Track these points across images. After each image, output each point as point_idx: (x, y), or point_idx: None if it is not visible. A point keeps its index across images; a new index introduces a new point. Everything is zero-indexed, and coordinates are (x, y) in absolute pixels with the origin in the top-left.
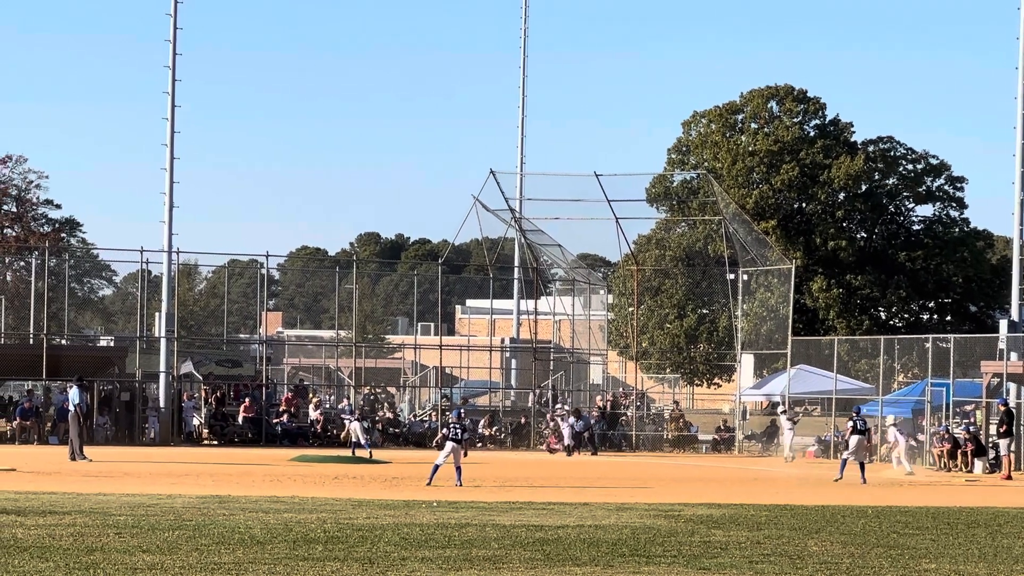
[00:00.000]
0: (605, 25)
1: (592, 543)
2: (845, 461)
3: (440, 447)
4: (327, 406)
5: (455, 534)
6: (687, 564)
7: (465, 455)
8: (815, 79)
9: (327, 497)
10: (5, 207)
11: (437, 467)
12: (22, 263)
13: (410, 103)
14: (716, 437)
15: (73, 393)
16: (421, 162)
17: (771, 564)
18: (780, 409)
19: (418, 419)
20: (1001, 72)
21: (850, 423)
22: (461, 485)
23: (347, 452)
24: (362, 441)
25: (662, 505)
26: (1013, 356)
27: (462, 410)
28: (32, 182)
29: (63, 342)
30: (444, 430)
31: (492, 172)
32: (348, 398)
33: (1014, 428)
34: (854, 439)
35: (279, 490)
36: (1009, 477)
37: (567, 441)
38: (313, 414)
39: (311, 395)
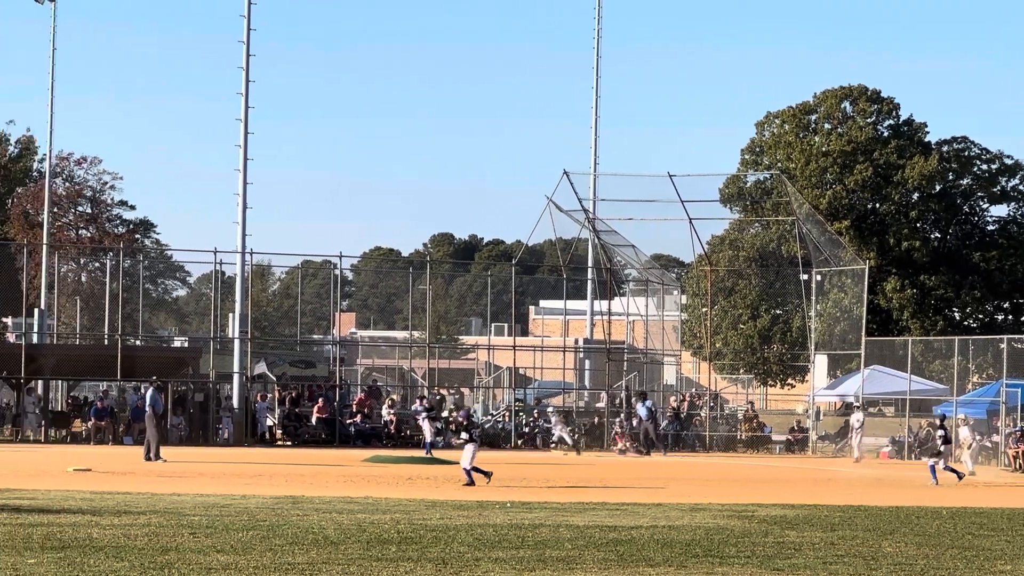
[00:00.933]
0: (678, 25)
1: (666, 544)
2: (933, 467)
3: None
4: (400, 407)
5: (529, 535)
6: (761, 565)
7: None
8: (889, 79)
9: (401, 498)
10: (80, 208)
11: (477, 470)
12: (97, 264)
13: (483, 103)
14: (790, 438)
15: (150, 394)
16: (495, 163)
17: (845, 565)
18: (856, 405)
19: (492, 420)
20: None
21: (940, 432)
22: (473, 484)
23: (420, 452)
24: (430, 439)
25: (736, 506)
26: None
27: (470, 410)
28: (107, 183)
29: (137, 343)
30: (464, 433)
31: (566, 173)
32: (421, 397)
33: None
34: (945, 448)
35: (353, 491)
36: None
37: (624, 444)
38: (386, 415)
39: (384, 396)
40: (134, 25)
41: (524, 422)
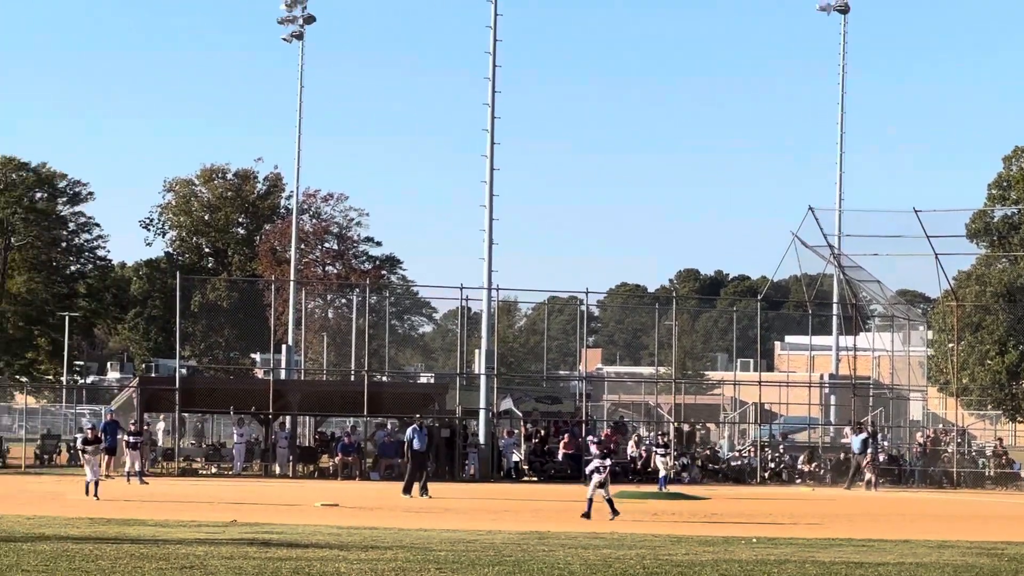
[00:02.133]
0: (924, 60)
1: None
2: None
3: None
4: (647, 443)
5: (774, 570)
6: None
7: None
8: None
9: (646, 533)
10: (327, 245)
11: (591, 500)
12: (343, 301)
13: (729, 138)
14: None
15: (409, 433)
16: (740, 198)
17: None
18: None
19: (738, 455)
20: None
21: None
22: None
23: (668, 488)
24: (663, 473)
25: (985, 543)
26: None
27: (601, 437)
28: (353, 220)
29: (384, 379)
30: (596, 461)
31: (811, 209)
32: (662, 434)
33: None
34: None
35: (598, 527)
36: None
37: (865, 478)
38: (632, 450)
39: (630, 432)
40: (379, 62)
41: (770, 457)
